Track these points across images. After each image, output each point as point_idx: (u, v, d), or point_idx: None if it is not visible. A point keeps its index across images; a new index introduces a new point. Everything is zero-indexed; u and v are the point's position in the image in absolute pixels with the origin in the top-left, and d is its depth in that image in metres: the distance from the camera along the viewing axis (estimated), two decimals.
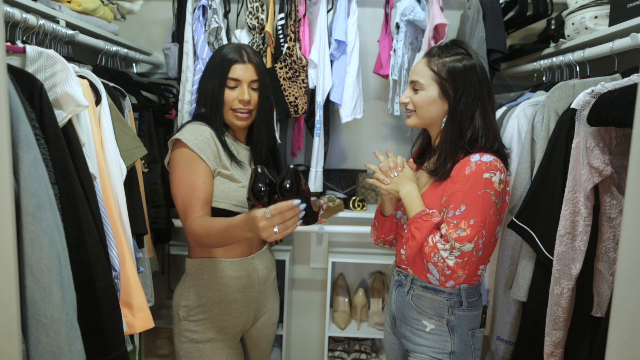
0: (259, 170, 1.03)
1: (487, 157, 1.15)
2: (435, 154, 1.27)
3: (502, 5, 1.87)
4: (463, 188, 1.13)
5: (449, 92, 1.19)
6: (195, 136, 1.29)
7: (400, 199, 1.24)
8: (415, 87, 1.24)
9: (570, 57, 1.52)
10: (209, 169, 1.29)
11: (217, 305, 1.36)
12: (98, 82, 1.25)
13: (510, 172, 1.46)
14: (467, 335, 1.23)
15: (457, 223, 1.12)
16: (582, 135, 1.17)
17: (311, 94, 1.93)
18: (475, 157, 1.15)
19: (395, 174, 1.25)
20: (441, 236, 1.13)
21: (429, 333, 1.24)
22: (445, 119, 1.22)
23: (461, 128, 1.20)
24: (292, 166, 1.01)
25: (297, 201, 0.98)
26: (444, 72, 1.19)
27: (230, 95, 1.34)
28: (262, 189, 1.02)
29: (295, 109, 1.89)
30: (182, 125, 1.38)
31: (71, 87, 1.04)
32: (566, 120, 1.24)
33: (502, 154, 1.21)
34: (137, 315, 1.22)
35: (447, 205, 1.16)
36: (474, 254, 1.11)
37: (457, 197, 1.14)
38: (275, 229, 0.98)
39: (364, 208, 2.08)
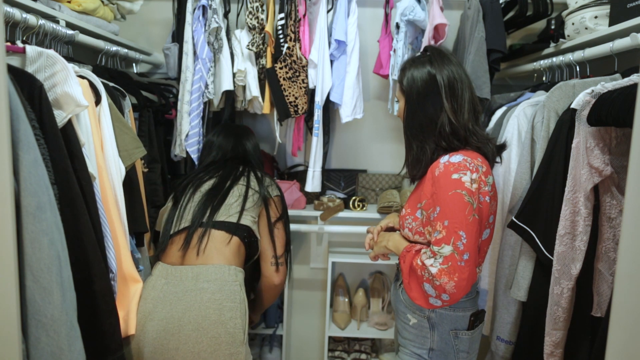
0: None
1: (456, 158, 1.13)
2: None
3: (502, 5, 1.87)
4: (436, 190, 1.13)
5: (403, 98, 1.27)
6: None
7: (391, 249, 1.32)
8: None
9: (570, 57, 1.52)
10: None
11: None
12: (98, 82, 1.25)
13: (509, 172, 1.46)
14: (449, 335, 1.22)
15: (434, 225, 1.11)
16: (582, 135, 1.17)
17: (311, 94, 1.93)
18: (444, 159, 1.15)
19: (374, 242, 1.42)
20: (426, 249, 1.13)
21: (412, 327, 1.25)
22: None
23: (411, 131, 1.24)
24: None
25: None
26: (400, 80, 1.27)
27: None
28: None
29: (295, 109, 1.89)
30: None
31: (71, 87, 1.04)
32: (566, 120, 1.24)
33: (484, 151, 1.19)
34: None
35: (427, 208, 1.16)
36: (456, 258, 1.05)
37: (434, 199, 1.14)
38: None
39: (364, 208, 2.08)
